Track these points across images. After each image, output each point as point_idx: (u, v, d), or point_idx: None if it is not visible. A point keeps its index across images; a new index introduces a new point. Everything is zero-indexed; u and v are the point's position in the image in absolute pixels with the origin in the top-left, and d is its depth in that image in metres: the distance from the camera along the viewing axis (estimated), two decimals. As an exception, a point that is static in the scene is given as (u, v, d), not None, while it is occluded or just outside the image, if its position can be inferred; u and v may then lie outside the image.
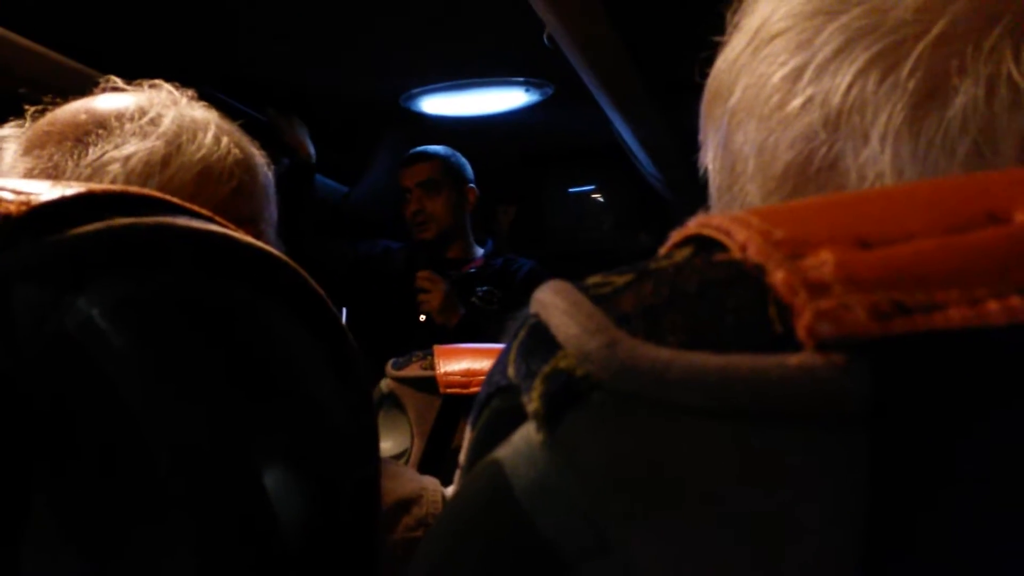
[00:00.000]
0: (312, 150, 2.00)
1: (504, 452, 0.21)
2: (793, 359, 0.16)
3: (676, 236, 0.23)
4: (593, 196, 2.76)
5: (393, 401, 1.25)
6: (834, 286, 0.16)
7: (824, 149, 0.30)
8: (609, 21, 1.42)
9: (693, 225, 0.21)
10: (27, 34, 1.18)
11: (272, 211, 0.75)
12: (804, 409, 0.16)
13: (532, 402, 0.20)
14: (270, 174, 0.76)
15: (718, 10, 0.39)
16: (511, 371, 0.23)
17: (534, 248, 2.44)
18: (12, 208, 0.36)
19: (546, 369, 0.20)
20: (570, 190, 2.74)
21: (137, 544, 0.36)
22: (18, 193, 0.37)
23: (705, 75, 0.39)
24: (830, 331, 0.15)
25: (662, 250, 0.23)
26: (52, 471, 0.35)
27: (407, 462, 1.08)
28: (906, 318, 0.15)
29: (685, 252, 0.21)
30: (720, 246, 0.19)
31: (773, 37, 0.33)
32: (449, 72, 1.92)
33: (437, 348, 1.12)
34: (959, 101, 0.27)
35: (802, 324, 0.16)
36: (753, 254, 0.18)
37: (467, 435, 0.27)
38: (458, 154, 2.10)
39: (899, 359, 0.15)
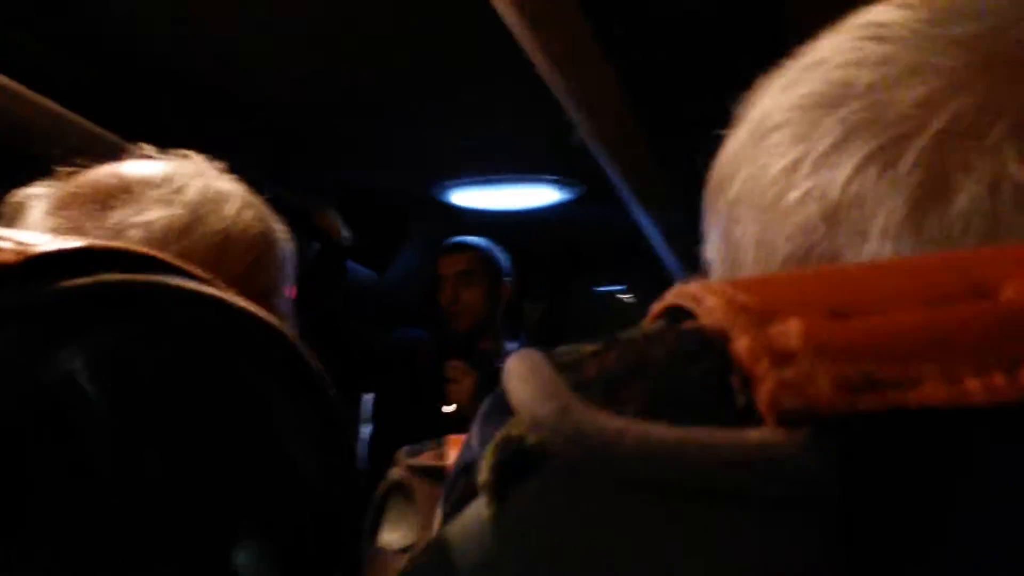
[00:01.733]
0: (345, 233, 2.03)
1: (453, 529, 0.19)
2: (753, 435, 0.14)
3: (656, 307, 0.22)
4: (621, 296, 2.76)
5: (402, 491, 1.21)
6: (800, 355, 0.14)
7: (824, 243, 0.28)
8: (638, 122, 1.44)
9: (671, 295, 0.20)
10: (66, 104, 1.23)
11: (287, 286, 0.75)
12: (763, 490, 0.14)
13: (482, 472, 0.18)
14: (289, 250, 0.76)
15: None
16: (475, 444, 0.22)
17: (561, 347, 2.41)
18: (9, 257, 0.36)
19: (498, 437, 0.18)
20: (599, 289, 2.74)
21: None
22: (18, 243, 0.37)
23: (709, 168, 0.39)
24: (793, 403, 0.14)
25: (644, 323, 0.22)
26: (12, 527, 0.34)
27: (412, 556, 1.03)
28: (877, 393, 0.14)
29: (657, 325, 0.20)
30: (692, 315, 0.18)
31: (772, 129, 0.32)
32: (481, 166, 1.96)
33: (450, 438, 1.09)
34: (961, 198, 0.26)
35: (762, 395, 0.14)
36: (719, 319, 0.16)
37: (437, 517, 0.26)
38: (496, 248, 2.12)
39: (869, 438, 0.14)
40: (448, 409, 1.97)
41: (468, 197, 2.13)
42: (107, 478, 0.35)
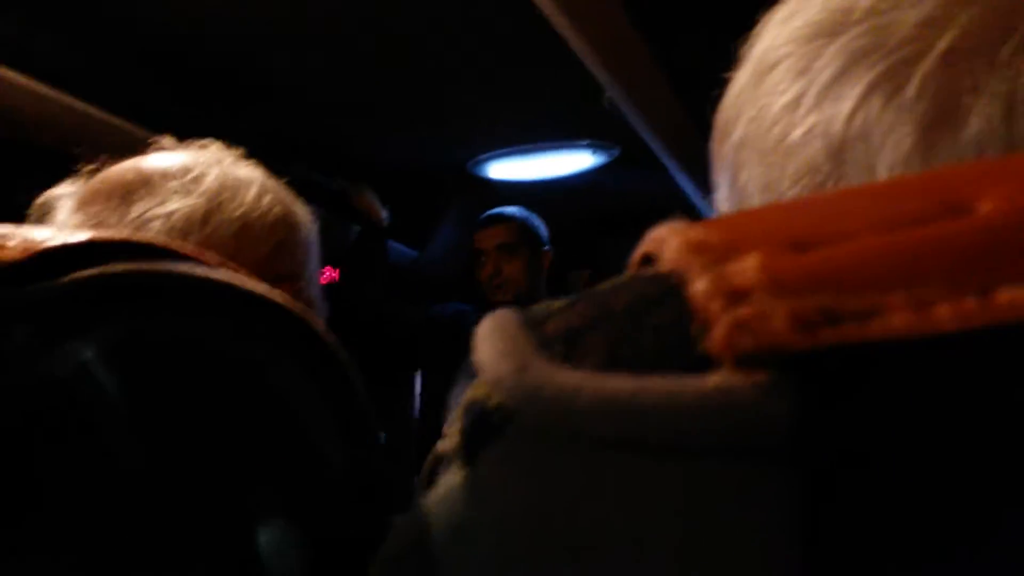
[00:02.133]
0: (384, 215, 2.04)
1: (428, 498, 0.19)
2: (710, 380, 0.13)
3: (636, 254, 0.20)
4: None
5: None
6: (755, 292, 0.13)
7: (830, 183, 0.27)
8: (668, 82, 1.41)
9: (646, 240, 0.19)
10: (103, 104, 1.25)
11: (314, 268, 0.75)
12: (722, 439, 0.13)
13: (451, 437, 0.18)
14: (314, 232, 0.76)
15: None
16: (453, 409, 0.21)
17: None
18: (15, 254, 0.36)
19: (464, 400, 0.17)
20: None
21: None
22: (24, 240, 0.37)
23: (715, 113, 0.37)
24: (748, 344, 0.13)
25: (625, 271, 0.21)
26: (35, 519, 0.34)
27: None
28: (835, 327, 0.12)
29: (629, 273, 0.18)
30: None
31: (774, 65, 0.30)
32: (515, 136, 1.94)
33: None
34: (973, 122, 0.24)
35: (717, 336, 0.13)
36: (678, 260, 0.15)
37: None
38: (534, 216, 2.09)
39: (829, 375, 0.12)
40: None
41: (503, 169, 2.11)
42: (126, 469, 0.35)
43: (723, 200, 0.36)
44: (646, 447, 0.14)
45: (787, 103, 0.29)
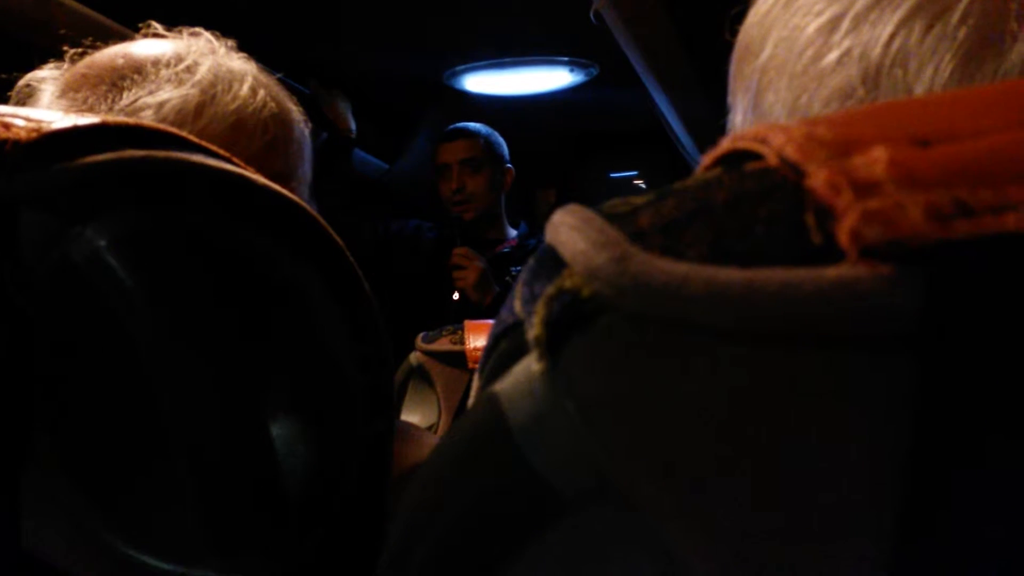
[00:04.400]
0: (352, 125, 1.99)
1: (502, 385, 0.19)
2: (831, 271, 0.13)
3: (707, 159, 0.20)
4: (635, 183, 2.72)
5: (422, 375, 1.24)
6: (886, 184, 0.13)
7: None
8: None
9: (726, 142, 0.19)
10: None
11: (306, 169, 0.73)
12: (843, 329, 0.13)
13: (533, 328, 0.18)
14: (307, 131, 0.74)
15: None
16: (518, 305, 0.21)
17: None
18: (22, 134, 0.35)
19: (550, 290, 0.17)
20: (611, 175, 2.70)
21: (139, 488, 0.35)
22: (30, 120, 0.36)
23: (736, 33, 0.37)
24: (879, 235, 0.13)
25: (696, 172, 0.21)
26: (54, 406, 0.34)
27: (434, 436, 1.06)
28: (971, 219, 0.13)
29: (715, 171, 0.18)
30: (755, 158, 0.17)
31: None
32: (493, 50, 1.89)
33: (468, 323, 1.11)
34: (1018, 49, 0.24)
35: (845, 227, 0.13)
36: (792, 154, 0.15)
37: (474, 383, 0.26)
38: (496, 132, 2.06)
39: (959, 268, 0.13)
40: (454, 297, 1.97)
41: (480, 82, 2.06)
42: (140, 355, 0.35)
43: (741, 122, 0.36)
44: (758, 335, 0.14)
45: (821, 25, 0.28)
